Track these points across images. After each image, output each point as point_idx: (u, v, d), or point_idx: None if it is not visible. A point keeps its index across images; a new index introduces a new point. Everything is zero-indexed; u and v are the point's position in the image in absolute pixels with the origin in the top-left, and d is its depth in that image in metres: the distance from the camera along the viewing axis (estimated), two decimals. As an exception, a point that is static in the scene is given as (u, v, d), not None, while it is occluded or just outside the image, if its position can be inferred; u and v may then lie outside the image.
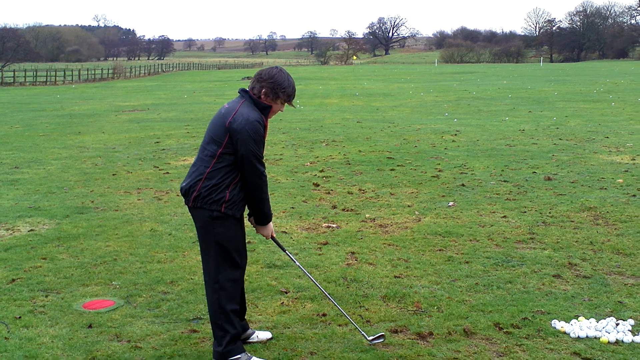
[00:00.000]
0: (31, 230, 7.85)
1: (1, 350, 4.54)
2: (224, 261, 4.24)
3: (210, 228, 4.21)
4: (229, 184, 4.17)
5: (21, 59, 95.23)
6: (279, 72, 4.24)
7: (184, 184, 4.27)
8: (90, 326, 4.97)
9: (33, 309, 5.33)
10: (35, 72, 61.30)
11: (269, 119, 4.30)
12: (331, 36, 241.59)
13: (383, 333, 4.64)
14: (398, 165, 12.06)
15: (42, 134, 18.32)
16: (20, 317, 5.13)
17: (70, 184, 10.76)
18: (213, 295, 4.26)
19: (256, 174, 4.18)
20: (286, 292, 5.65)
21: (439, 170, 11.46)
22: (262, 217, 4.40)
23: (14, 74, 59.29)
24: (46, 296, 5.63)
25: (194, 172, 4.24)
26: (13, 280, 6.02)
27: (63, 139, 17.13)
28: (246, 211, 4.46)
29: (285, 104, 4.30)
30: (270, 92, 4.20)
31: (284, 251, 4.68)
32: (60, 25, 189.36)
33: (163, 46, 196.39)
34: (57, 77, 60.99)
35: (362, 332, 4.62)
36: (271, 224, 4.48)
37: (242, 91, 4.30)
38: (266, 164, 4.28)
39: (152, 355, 4.46)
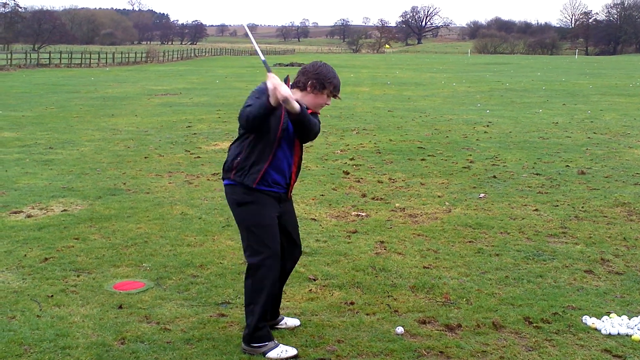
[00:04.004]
0: (64, 210, 7.95)
1: (33, 328, 4.62)
2: (250, 243, 4.25)
3: (233, 206, 4.31)
4: (239, 153, 4.24)
5: (57, 40, 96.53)
6: (323, 65, 4.34)
7: None
8: (120, 307, 5.02)
9: (65, 288, 5.40)
10: (70, 54, 61.89)
11: (317, 112, 4.35)
12: (364, 24, 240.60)
13: None
14: (429, 155, 11.98)
15: (76, 115, 18.54)
16: (52, 296, 5.21)
17: (103, 166, 10.88)
18: (246, 280, 4.29)
19: (243, 114, 4.05)
20: (314, 280, 5.66)
21: (470, 162, 11.36)
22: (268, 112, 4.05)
23: (50, 55, 59.93)
24: (78, 276, 5.70)
25: None
26: (46, 259, 6.11)
27: (96, 120, 17.32)
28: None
29: (331, 97, 4.37)
30: (317, 83, 4.28)
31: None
32: (95, 8, 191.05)
33: (196, 31, 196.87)
34: (91, 60, 61.50)
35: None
36: (282, 88, 3.98)
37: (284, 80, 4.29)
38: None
39: (180, 338, 4.49)
